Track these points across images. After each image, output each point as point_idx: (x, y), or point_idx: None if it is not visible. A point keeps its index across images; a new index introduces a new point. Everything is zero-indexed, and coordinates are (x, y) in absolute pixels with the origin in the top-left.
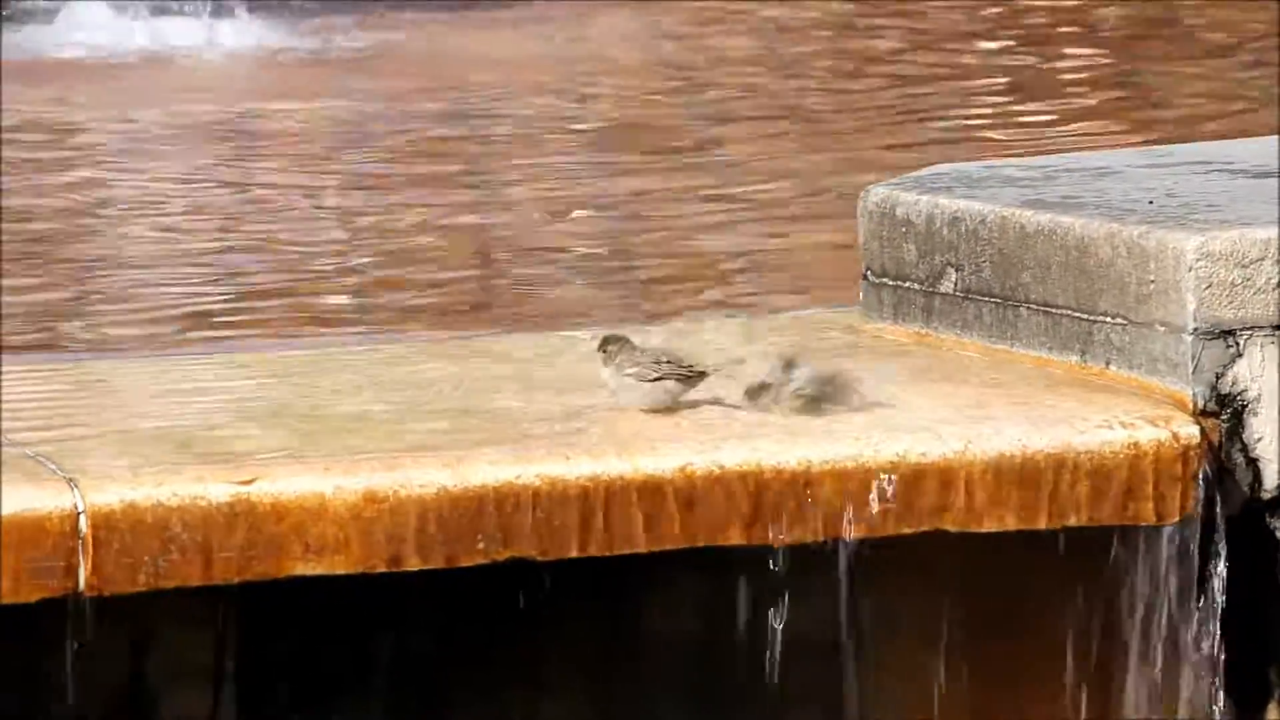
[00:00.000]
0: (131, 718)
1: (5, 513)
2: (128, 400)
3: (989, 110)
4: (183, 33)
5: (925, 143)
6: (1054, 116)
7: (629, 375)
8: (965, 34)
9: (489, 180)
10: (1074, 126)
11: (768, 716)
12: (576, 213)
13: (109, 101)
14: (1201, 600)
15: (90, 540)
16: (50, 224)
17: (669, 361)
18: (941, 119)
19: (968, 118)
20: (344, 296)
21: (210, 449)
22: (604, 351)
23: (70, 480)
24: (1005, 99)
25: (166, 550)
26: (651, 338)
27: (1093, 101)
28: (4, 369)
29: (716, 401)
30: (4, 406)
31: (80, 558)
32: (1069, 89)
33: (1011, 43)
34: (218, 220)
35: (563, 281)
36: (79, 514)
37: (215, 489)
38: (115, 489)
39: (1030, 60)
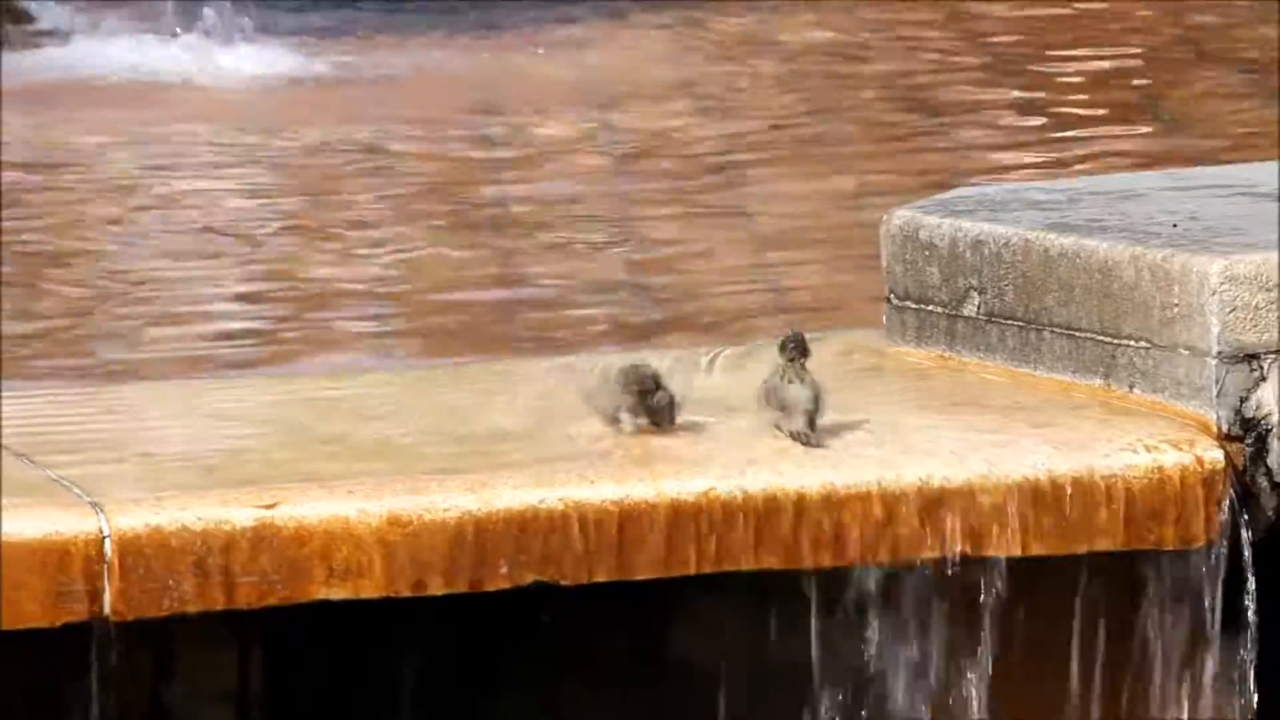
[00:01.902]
0: None
1: (30, 536)
2: (152, 425)
3: (1012, 134)
4: (203, 57)
5: (948, 167)
6: (1076, 139)
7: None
8: (990, 58)
9: (513, 204)
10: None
11: None
12: (602, 236)
13: (128, 126)
14: (1228, 625)
15: (115, 564)
16: (72, 248)
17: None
18: (966, 143)
19: (992, 143)
20: (366, 320)
21: (234, 473)
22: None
23: (95, 505)
24: (1028, 122)
25: (191, 575)
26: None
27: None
28: (29, 394)
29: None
30: (30, 432)
31: (105, 582)
32: (1094, 112)
33: (1036, 69)
34: (241, 245)
35: (586, 305)
36: (104, 538)
37: (239, 513)
38: (140, 513)
39: (1053, 84)
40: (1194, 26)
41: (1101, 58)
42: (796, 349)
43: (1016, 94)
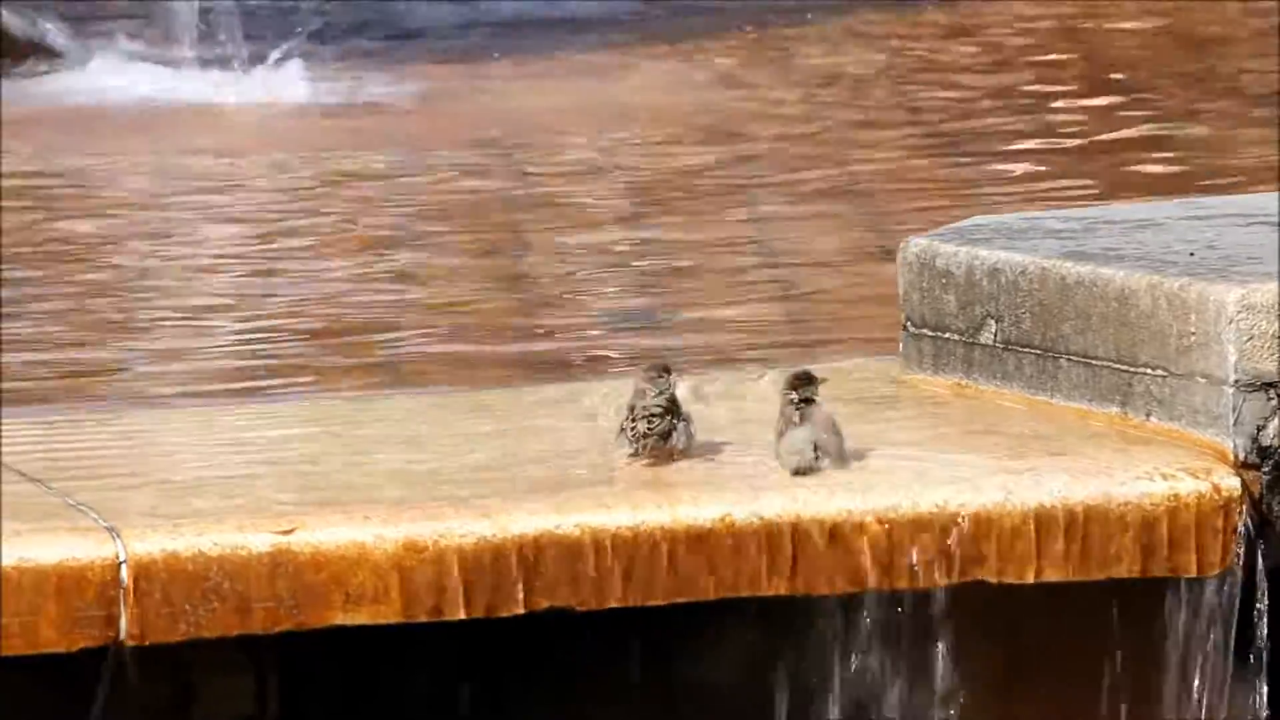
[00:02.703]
0: None
1: (47, 561)
2: (168, 450)
3: (1030, 162)
4: (217, 83)
5: (965, 196)
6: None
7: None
8: (1006, 86)
9: (527, 231)
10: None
11: None
12: (615, 263)
13: (143, 151)
14: (1244, 654)
15: (131, 589)
16: (86, 275)
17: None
18: (981, 171)
19: (1008, 172)
20: (381, 347)
21: (251, 499)
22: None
23: (112, 530)
24: (1044, 152)
25: (207, 600)
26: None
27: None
28: (45, 420)
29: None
30: (47, 457)
31: (121, 607)
32: (1113, 141)
33: (1054, 94)
34: (257, 272)
35: (601, 331)
36: (120, 563)
37: (255, 538)
38: (156, 538)
39: (1071, 114)
40: None
41: None
42: (800, 388)
43: None
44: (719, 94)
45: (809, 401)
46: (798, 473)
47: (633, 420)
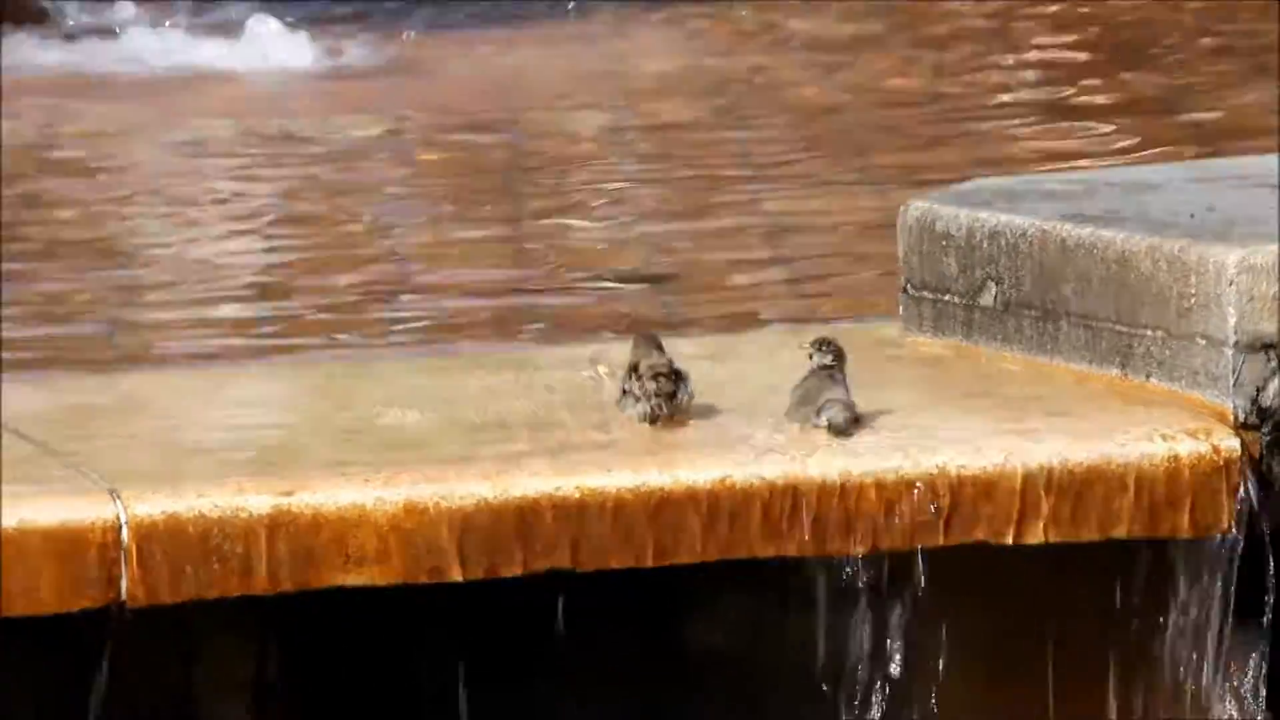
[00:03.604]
0: None
1: (47, 523)
2: (169, 412)
3: (1028, 124)
4: (220, 50)
5: (966, 157)
6: (1094, 131)
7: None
8: (1003, 47)
9: (529, 194)
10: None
11: None
12: (617, 225)
13: (157, 117)
14: (1244, 612)
15: (132, 551)
16: (96, 238)
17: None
18: (982, 133)
19: (1008, 132)
20: (383, 309)
21: (251, 461)
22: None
23: (112, 491)
24: (1045, 113)
25: (207, 561)
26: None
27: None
28: (47, 383)
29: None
30: (48, 420)
31: (122, 568)
32: (1109, 104)
33: (1053, 56)
34: (260, 234)
35: (603, 294)
36: (121, 525)
37: (256, 500)
38: (157, 500)
39: (1070, 75)
40: None
41: None
42: (831, 349)
43: None
44: (713, 59)
45: (838, 362)
46: (840, 432)
47: (639, 380)
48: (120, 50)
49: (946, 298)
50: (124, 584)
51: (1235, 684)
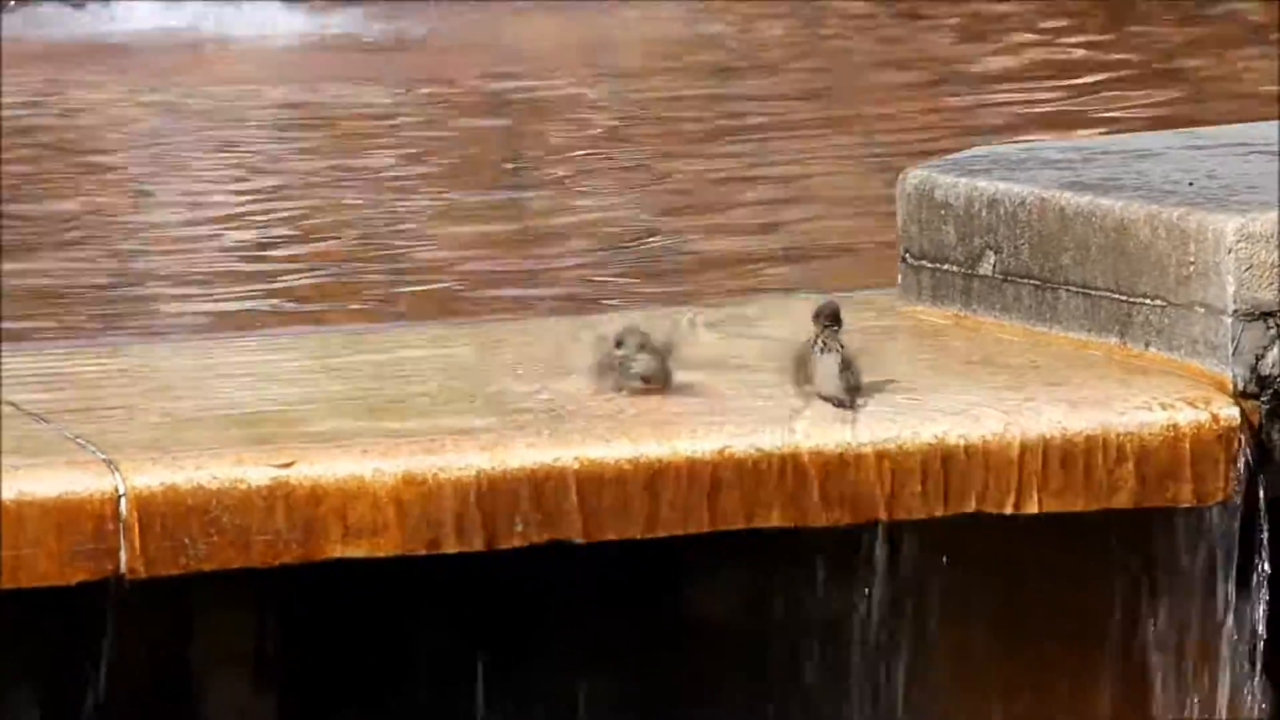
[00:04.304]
0: (172, 703)
1: (45, 495)
2: (167, 383)
3: (1029, 94)
4: (227, 18)
5: (964, 125)
6: (1093, 99)
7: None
8: (1009, 17)
9: (527, 166)
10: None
11: (811, 704)
12: (615, 196)
13: (156, 84)
14: (1243, 581)
15: (131, 522)
16: (94, 207)
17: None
18: (981, 102)
19: (1008, 101)
20: (381, 280)
21: (250, 432)
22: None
23: (110, 463)
24: (1045, 82)
25: (206, 533)
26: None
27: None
28: (44, 353)
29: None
30: (46, 391)
31: (120, 540)
32: (1112, 71)
33: (1060, 26)
34: (260, 205)
35: (602, 264)
36: (119, 496)
37: (255, 472)
38: (155, 471)
39: (1073, 43)
40: None
41: None
42: (831, 318)
43: None
44: (714, 26)
45: (837, 324)
46: (839, 403)
47: (621, 351)
48: (125, 14)
49: (945, 267)
50: (122, 556)
51: (1232, 653)
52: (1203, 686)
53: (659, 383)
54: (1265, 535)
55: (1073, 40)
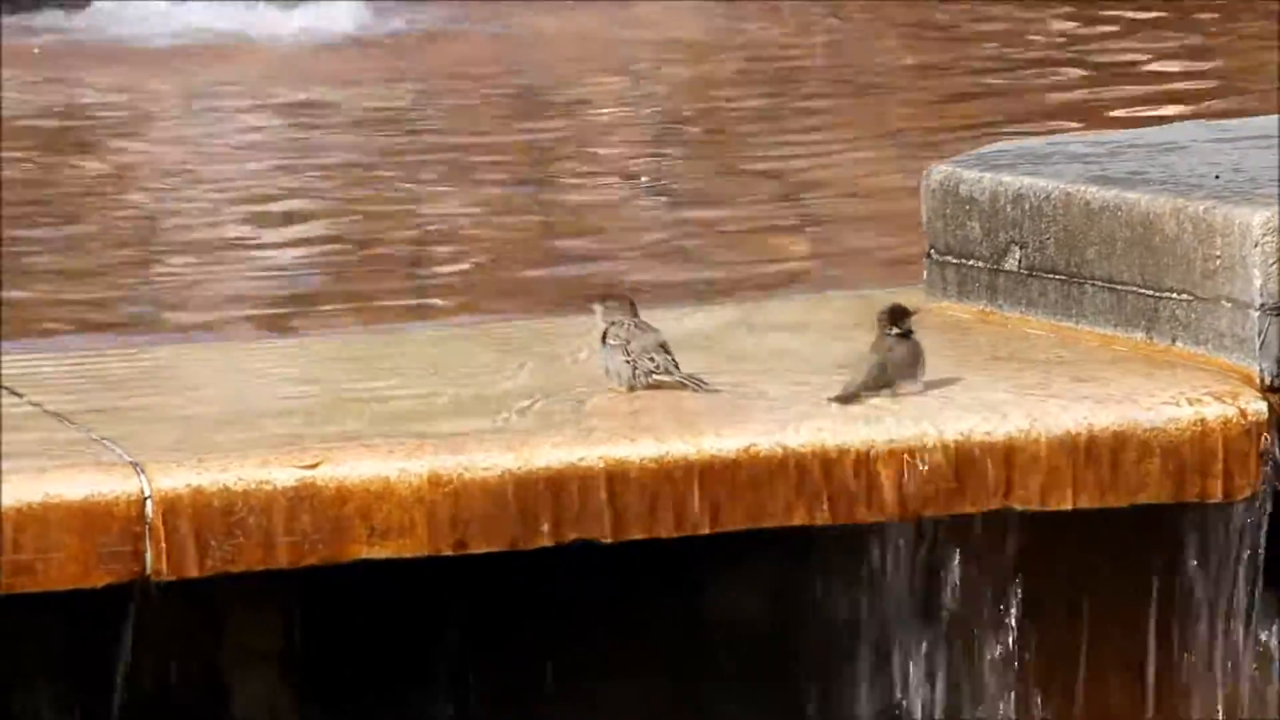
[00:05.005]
0: (199, 702)
1: (72, 497)
2: (192, 385)
3: (1056, 87)
4: (248, 18)
5: (990, 120)
6: (1121, 92)
7: (619, 360)
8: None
9: (554, 162)
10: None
11: (834, 699)
12: (641, 192)
13: (176, 86)
14: (1271, 575)
15: (157, 525)
16: (117, 208)
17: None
18: (1007, 95)
19: (1033, 92)
20: (405, 280)
21: (275, 433)
22: (603, 307)
23: (136, 465)
24: (1072, 75)
25: (232, 535)
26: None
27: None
28: (69, 355)
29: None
30: (71, 393)
31: (147, 542)
32: (1139, 62)
33: (1082, 22)
34: (282, 206)
35: (628, 262)
36: (145, 499)
37: (280, 473)
38: (181, 474)
39: (1100, 36)
40: None
41: None
42: (899, 317)
43: None
44: (730, 22)
45: (908, 333)
46: (843, 400)
47: (629, 349)
48: (142, 15)
49: (970, 262)
50: (149, 558)
51: (1259, 644)
52: (1229, 678)
53: (670, 374)
54: None
55: None
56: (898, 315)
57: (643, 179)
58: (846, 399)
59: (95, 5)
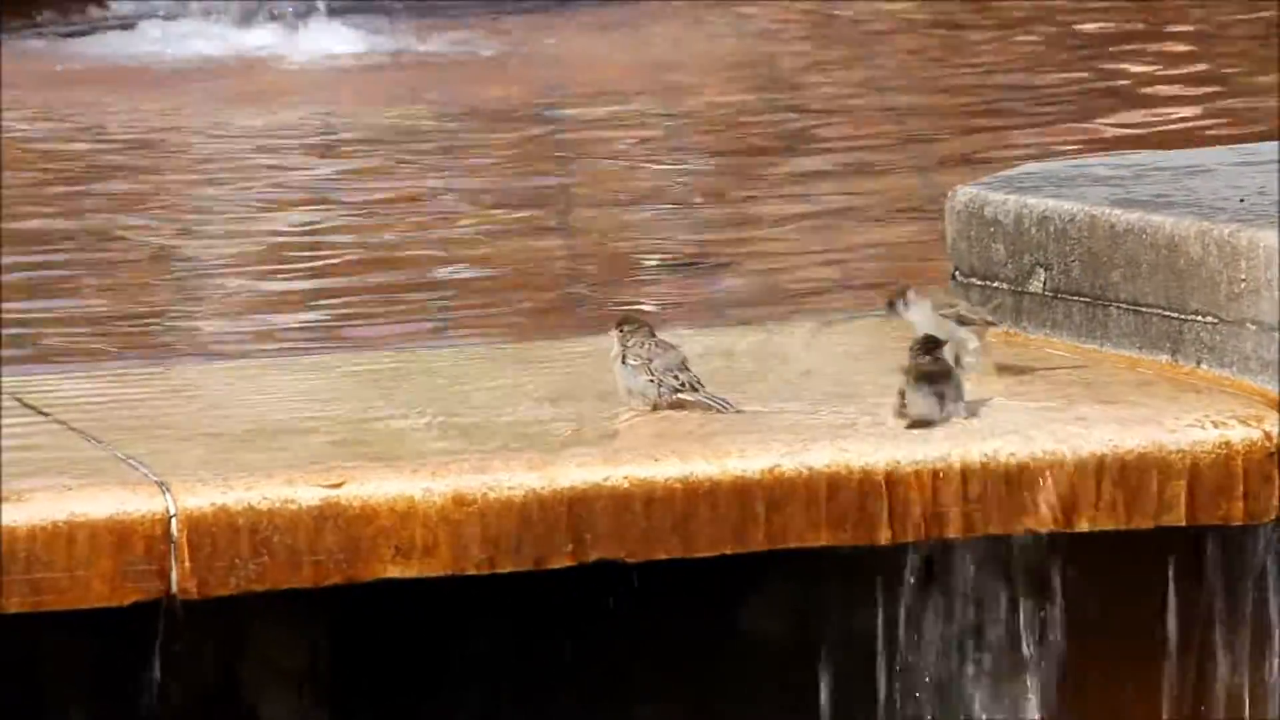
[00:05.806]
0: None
1: (97, 516)
2: (217, 404)
3: (1080, 109)
4: (267, 39)
5: (1013, 143)
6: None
7: (642, 379)
8: (1058, 27)
9: (577, 182)
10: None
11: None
12: (662, 214)
13: (191, 108)
14: None
15: (182, 544)
16: (138, 230)
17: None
18: (1031, 117)
19: (1057, 116)
20: (427, 300)
21: (300, 453)
22: (620, 331)
23: (162, 484)
24: (1097, 97)
25: (257, 553)
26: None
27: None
28: (94, 374)
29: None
30: (96, 412)
31: (172, 561)
32: (1162, 84)
33: (1105, 43)
34: (306, 225)
35: (649, 283)
36: (170, 518)
37: (305, 492)
38: (206, 492)
39: (1126, 58)
40: None
41: None
42: (931, 346)
43: None
44: (745, 43)
45: (937, 348)
46: (917, 424)
47: (652, 368)
48: (154, 38)
49: (995, 284)
50: (174, 577)
51: None
52: (1255, 700)
53: (695, 391)
54: None
55: None
56: (930, 346)
57: (663, 200)
58: (921, 424)
59: (106, 26)
